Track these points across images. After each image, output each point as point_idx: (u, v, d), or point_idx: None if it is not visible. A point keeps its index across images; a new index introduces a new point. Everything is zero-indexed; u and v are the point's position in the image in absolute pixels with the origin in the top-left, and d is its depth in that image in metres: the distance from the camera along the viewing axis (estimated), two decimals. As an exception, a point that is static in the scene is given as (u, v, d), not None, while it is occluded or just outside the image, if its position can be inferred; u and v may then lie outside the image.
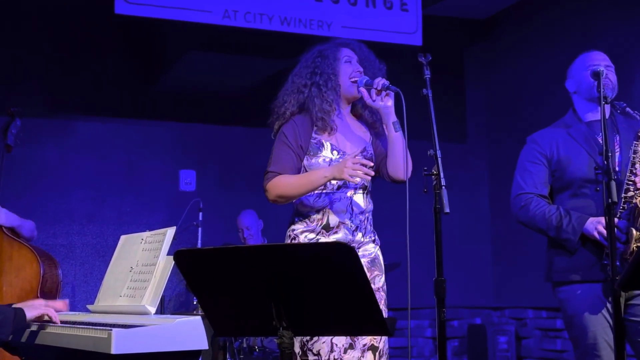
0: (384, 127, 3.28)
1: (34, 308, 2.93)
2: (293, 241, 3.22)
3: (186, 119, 6.44)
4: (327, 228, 3.21)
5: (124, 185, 6.26)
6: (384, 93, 3.21)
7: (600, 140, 3.34)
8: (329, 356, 3.09)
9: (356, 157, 3.06)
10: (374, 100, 3.23)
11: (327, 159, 3.23)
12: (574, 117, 3.60)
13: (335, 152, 3.25)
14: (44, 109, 6.03)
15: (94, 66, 6.15)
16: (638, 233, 3.19)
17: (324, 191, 3.22)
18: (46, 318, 2.94)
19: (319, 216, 3.22)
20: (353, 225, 3.23)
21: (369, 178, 3.11)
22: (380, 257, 3.34)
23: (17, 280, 3.79)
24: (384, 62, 3.42)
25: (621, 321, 3.04)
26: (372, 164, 3.16)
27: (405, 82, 3.78)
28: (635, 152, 3.31)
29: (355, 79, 3.29)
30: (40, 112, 5.93)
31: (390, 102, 3.23)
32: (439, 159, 2.92)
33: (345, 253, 2.15)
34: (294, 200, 3.26)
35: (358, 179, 3.09)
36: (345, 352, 3.11)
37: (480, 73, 7.33)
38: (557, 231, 3.39)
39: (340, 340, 3.10)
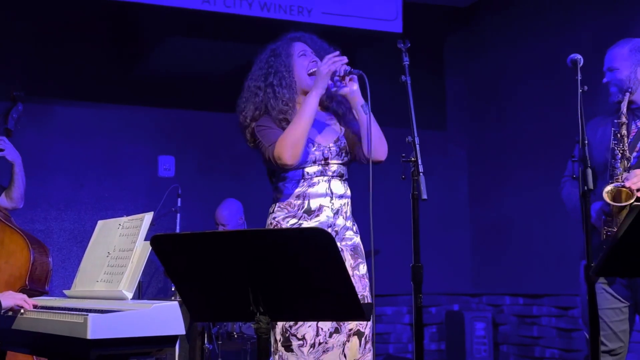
0: (354, 112, 3.27)
1: (10, 298, 2.92)
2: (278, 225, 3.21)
3: (165, 105, 6.40)
4: (309, 212, 3.21)
5: (102, 170, 6.22)
6: (347, 78, 3.20)
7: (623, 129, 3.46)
8: (315, 340, 3.09)
9: (329, 56, 3.11)
10: (339, 88, 3.23)
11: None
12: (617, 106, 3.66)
13: (310, 145, 3.24)
14: (23, 93, 5.96)
15: (73, 51, 6.09)
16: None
17: (303, 178, 3.22)
18: (18, 309, 2.93)
19: (299, 201, 3.22)
20: (334, 209, 3.24)
21: (346, 64, 3.13)
22: (361, 245, 3.36)
23: (7, 266, 3.76)
24: (339, 47, 3.37)
25: (595, 305, 3.12)
26: (346, 60, 3.16)
27: (384, 68, 3.79)
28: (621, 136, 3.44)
29: (313, 70, 3.26)
30: (19, 97, 5.86)
31: (355, 86, 3.22)
32: (417, 146, 2.93)
33: (323, 239, 2.15)
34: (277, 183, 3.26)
35: (334, 68, 3.11)
36: (330, 336, 3.12)
37: (460, 60, 7.34)
38: (574, 212, 3.50)
39: (326, 325, 3.10)
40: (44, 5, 6.01)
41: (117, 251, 3.08)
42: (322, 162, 3.25)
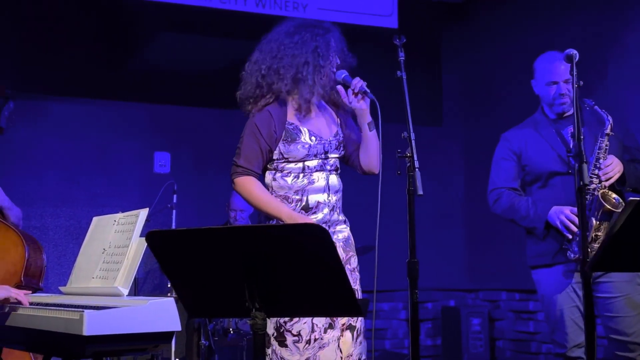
0: (359, 125, 3.32)
1: (5, 290, 2.91)
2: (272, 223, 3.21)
3: (160, 101, 6.39)
4: (307, 209, 3.21)
5: (97, 167, 6.21)
6: (360, 95, 3.23)
7: (565, 135, 3.66)
8: (310, 336, 3.10)
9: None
10: (349, 101, 3.25)
11: (307, 145, 3.22)
12: (542, 115, 3.86)
13: (313, 138, 3.24)
14: (14, 89, 5.94)
15: (66, 47, 6.07)
16: (597, 223, 3.47)
17: (303, 172, 3.22)
18: (14, 301, 2.92)
19: (297, 197, 3.22)
20: (330, 205, 3.24)
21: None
22: (352, 238, 3.37)
23: (2, 262, 3.75)
24: (355, 56, 3.38)
25: (592, 301, 3.18)
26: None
27: (380, 64, 3.79)
28: (599, 148, 3.54)
29: (334, 70, 3.27)
30: (11, 94, 5.84)
31: (365, 105, 3.26)
32: (413, 141, 2.94)
33: (319, 235, 2.14)
34: (267, 182, 3.27)
35: None
36: (325, 331, 3.13)
37: (456, 56, 7.33)
38: (525, 220, 3.72)
39: (321, 321, 3.12)
40: (37, 1, 5.98)
41: (113, 247, 3.07)
42: (323, 155, 3.26)
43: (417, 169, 2.92)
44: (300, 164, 3.23)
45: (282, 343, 3.09)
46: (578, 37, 5.65)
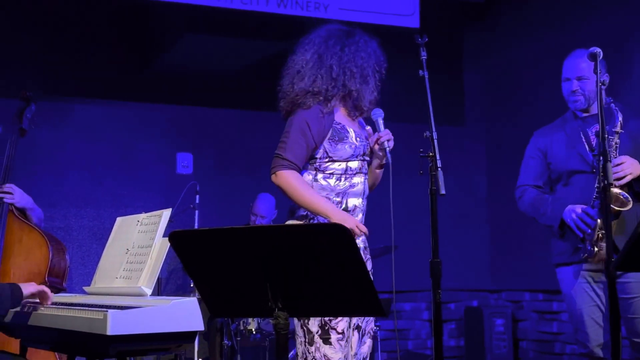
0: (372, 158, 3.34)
1: (29, 285, 2.93)
2: (312, 222, 3.19)
3: (183, 102, 6.42)
4: (345, 211, 3.20)
5: (121, 168, 6.26)
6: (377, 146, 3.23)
7: (590, 134, 3.66)
8: (348, 333, 3.13)
9: (361, 227, 3.13)
10: (371, 143, 3.25)
11: (353, 145, 3.21)
12: (570, 112, 3.85)
13: (358, 139, 3.24)
14: (39, 91, 6.00)
15: (90, 49, 6.12)
16: (601, 222, 3.42)
17: (345, 174, 3.22)
18: (38, 296, 2.95)
19: (338, 199, 3.20)
20: (362, 210, 3.27)
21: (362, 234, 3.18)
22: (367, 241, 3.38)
23: (26, 263, 3.79)
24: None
25: (617, 301, 3.14)
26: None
27: (401, 64, 3.78)
28: (609, 146, 3.47)
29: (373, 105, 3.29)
30: (37, 95, 5.90)
31: (382, 154, 3.24)
32: (435, 141, 2.93)
33: (341, 234, 2.14)
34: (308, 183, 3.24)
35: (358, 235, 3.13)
36: (353, 332, 3.16)
37: (478, 55, 7.30)
38: (543, 218, 3.75)
39: (353, 320, 3.15)
40: (63, 4, 6.04)
41: (136, 248, 3.08)
42: (362, 157, 3.26)
43: (439, 169, 2.92)
44: (343, 165, 3.21)
45: (327, 341, 3.08)
46: (603, 36, 5.60)
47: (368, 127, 3.31)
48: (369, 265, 3.31)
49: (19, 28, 5.93)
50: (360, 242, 3.26)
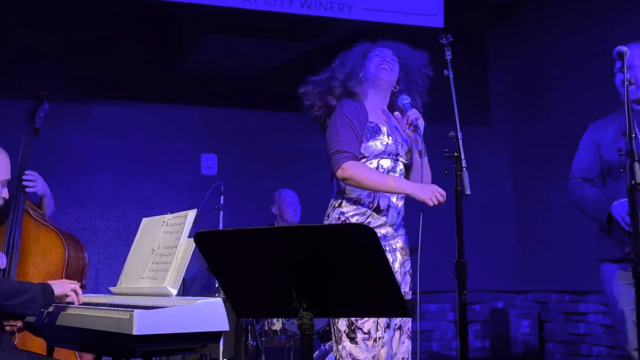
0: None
1: (60, 285, 2.95)
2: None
3: (207, 103, 6.44)
4: (378, 210, 3.22)
5: (146, 168, 6.29)
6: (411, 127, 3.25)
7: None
8: (375, 335, 3.13)
9: (440, 191, 3.10)
10: (403, 128, 3.28)
11: (384, 142, 3.24)
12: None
13: (390, 138, 3.27)
14: (66, 93, 6.05)
15: (115, 50, 6.15)
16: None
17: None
18: (69, 300, 2.97)
19: (369, 199, 3.22)
20: (398, 209, 3.25)
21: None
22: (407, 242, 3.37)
23: (43, 262, 3.84)
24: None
25: None
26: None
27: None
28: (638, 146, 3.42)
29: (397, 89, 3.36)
30: (62, 96, 5.94)
31: (415, 135, 3.26)
32: (460, 141, 2.92)
33: (366, 234, 2.14)
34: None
35: (431, 203, 3.09)
36: (384, 331, 3.17)
37: (503, 55, 7.26)
38: (591, 211, 3.66)
39: (382, 320, 3.15)
40: (87, 5, 6.08)
41: (162, 248, 3.10)
42: (395, 156, 3.26)
43: (464, 169, 2.90)
44: (375, 162, 3.23)
45: (353, 340, 3.11)
46: (626, 33, 5.54)
47: (396, 112, 3.32)
48: (407, 266, 3.33)
49: (44, 29, 5.98)
50: (400, 241, 3.27)
